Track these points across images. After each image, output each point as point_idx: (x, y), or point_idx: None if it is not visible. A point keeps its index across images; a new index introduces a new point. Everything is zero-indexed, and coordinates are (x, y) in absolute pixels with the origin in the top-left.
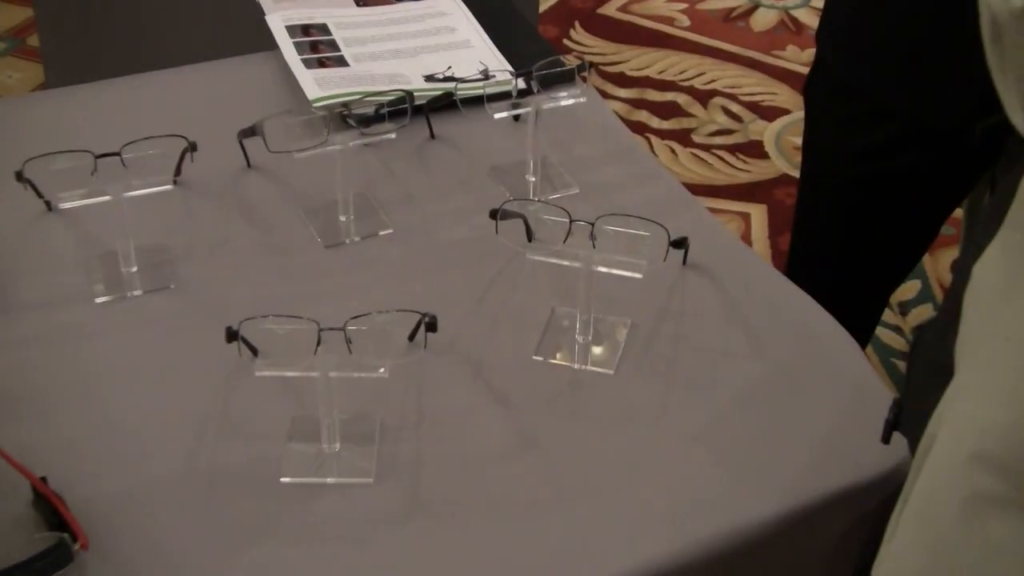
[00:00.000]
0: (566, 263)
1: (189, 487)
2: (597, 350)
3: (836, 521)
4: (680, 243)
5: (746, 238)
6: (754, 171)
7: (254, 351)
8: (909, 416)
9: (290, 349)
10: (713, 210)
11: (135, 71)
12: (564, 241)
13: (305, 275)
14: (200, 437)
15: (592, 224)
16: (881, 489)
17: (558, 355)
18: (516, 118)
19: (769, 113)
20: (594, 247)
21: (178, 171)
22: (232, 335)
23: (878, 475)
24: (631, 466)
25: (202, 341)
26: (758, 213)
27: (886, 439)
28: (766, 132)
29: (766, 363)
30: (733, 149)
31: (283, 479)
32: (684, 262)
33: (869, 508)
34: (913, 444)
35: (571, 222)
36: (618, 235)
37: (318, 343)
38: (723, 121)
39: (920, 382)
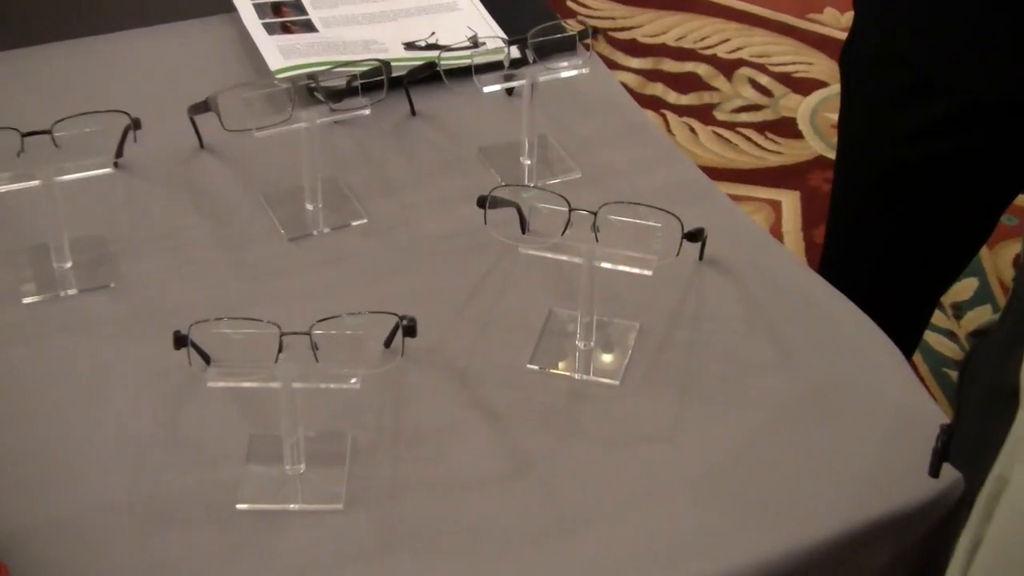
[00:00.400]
0: (565, 258)
1: (131, 516)
2: (601, 358)
3: (874, 557)
4: (696, 235)
5: (775, 230)
6: (786, 153)
7: (206, 359)
8: (961, 441)
9: (248, 356)
10: (737, 198)
11: (70, 36)
12: (563, 233)
13: (266, 272)
14: (144, 458)
15: (595, 213)
16: (926, 519)
17: (556, 364)
18: (509, 92)
19: (803, 86)
20: (597, 240)
21: (119, 152)
22: (181, 340)
23: (923, 504)
24: (639, 493)
25: (146, 348)
26: (790, 201)
27: (934, 472)
28: (800, 108)
29: (796, 376)
30: (761, 127)
31: (239, 506)
32: (701, 257)
33: (913, 540)
34: (967, 472)
35: (571, 211)
36: (625, 226)
37: (280, 349)
38: (750, 95)
39: (976, 404)
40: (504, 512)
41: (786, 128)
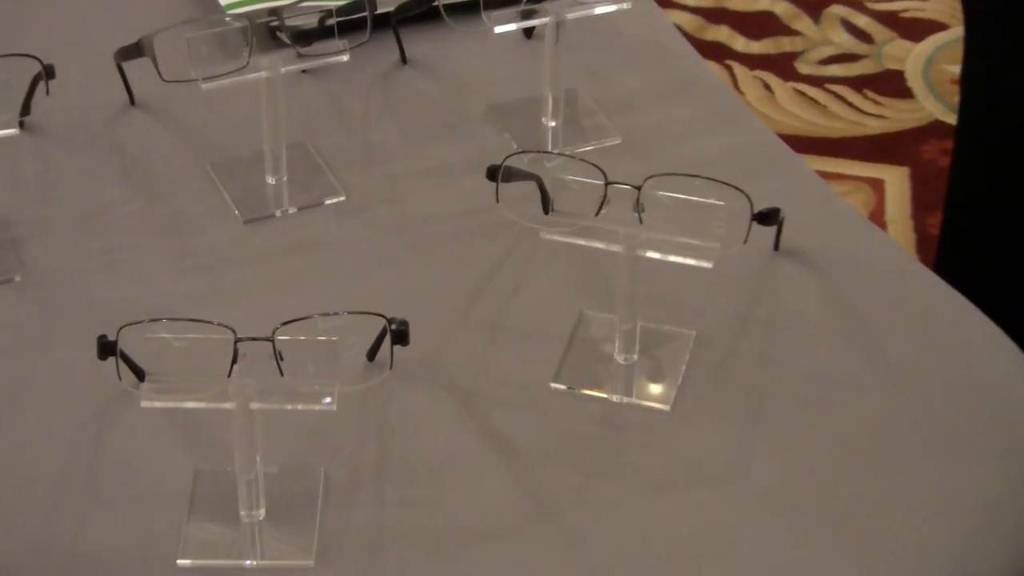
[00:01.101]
0: (600, 246)
1: (43, 571)
2: (645, 376)
3: None
4: (770, 217)
5: (877, 216)
6: (891, 117)
7: (139, 372)
8: None
9: (192, 369)
10: (826, 175)
11: None
12: (597, 213)
13: (215, 262)
14: (59, 498)
15: (639, 188)
16: None
17: (589, 383)
18: (528, 33)
19: (914, 29)
20: (641, 222)
21: (26, 108)
22: (107, 348)
23: None
24: (695, 548)
25: (62, 358)
26: (896, 179)
27: None
28: (909, 59)
29: (900, 397)
30: (859, 84)
31: (181, 561)
32: (776, 246)
33: None
34: None
35: (607, 185)
36: (677, 205)
37: (234, 360)
38: (844, 41)
39: None
40: (520, 569)
41: (891, 84)
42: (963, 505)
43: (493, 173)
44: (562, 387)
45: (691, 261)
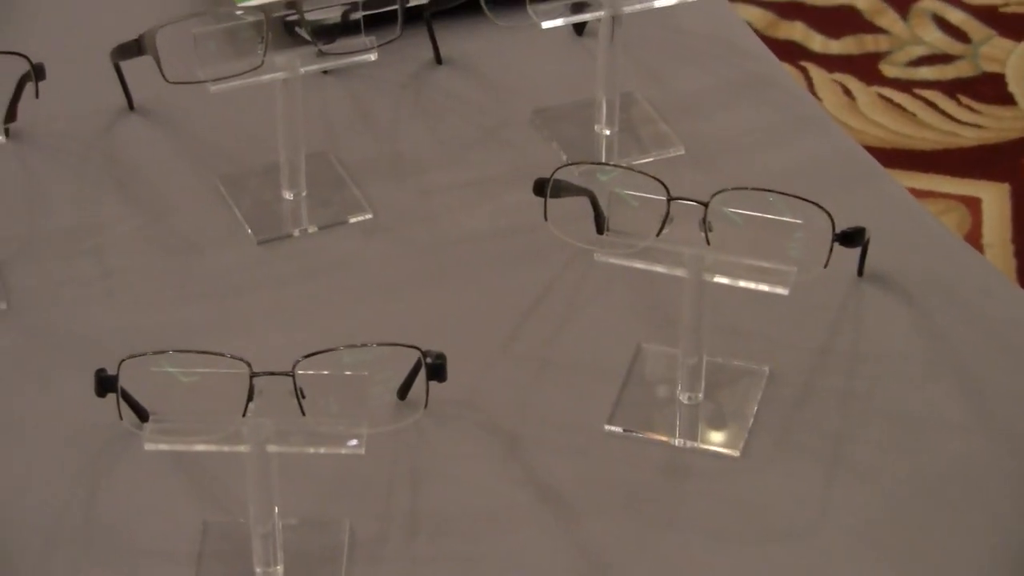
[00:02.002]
0: (662, 270)
1: None
2: (712, 417)
3: None
4: (855, 238)
5: (973, 238)
6: (989, 127)
7: (141, 411)
8: None
9: (202, 407)
10: (916, 192)
11: None
12: (659, 233)
13: (226, 287)
14: (51, 552)
15: (706, 205)
16: None
17: (648, 425)
18: (579, 29)
19: (1017, 26)
20: (708, 242)
21: (11, 113)
22: (105, 384)
23: None
24: None
25: (54, 395)
26: (995, 197)
27: None
28: (1010, 60)
29: (997, 439)
30: (952, 89)
31: None
32: (860, 271)
33: None
34: None
35: (670, 201)
36: (749, 224)
37: (249, 398)
38: (935, 40)
39: None
40: None
41: (990, 89)
42: None
43: (541, 187)
44: (618, 430)
45: (764, 287)
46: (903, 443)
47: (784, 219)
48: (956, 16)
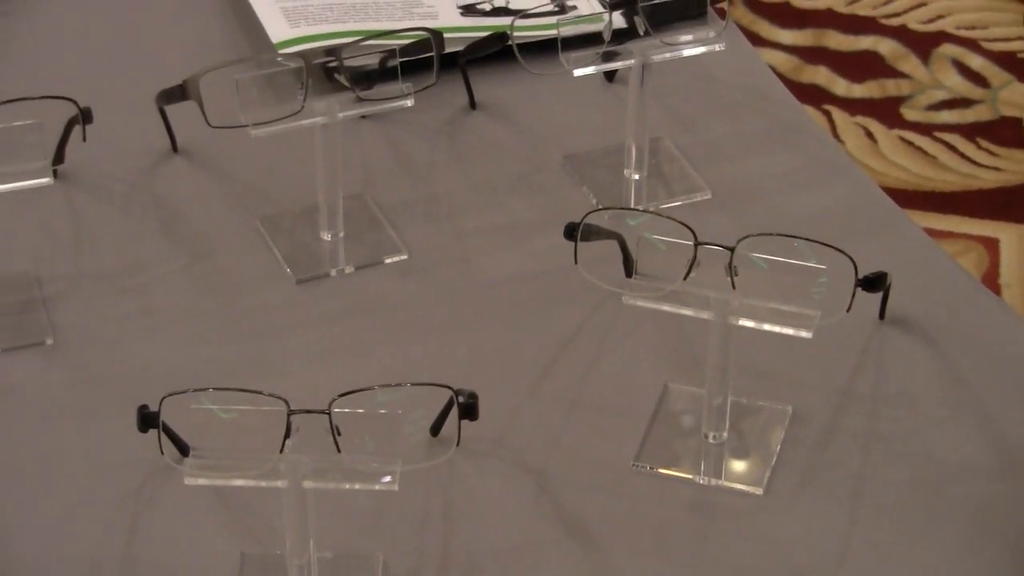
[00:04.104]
0: (689, 312)
1: None
2: (737, 456)
3: None
4: (877, 283)
5: (991, 279)
6: (1008, 169)
7: (182, 447)
8: None
9: (241, 444)
10: (934, 232)
11: None
12: (686, 277)
13: (265, 326)
14: None
15: (732, 249)
16: None
17: (674, 463)
18: (610, 76)
19: None
20: (734, 287)
21: (60, 155)
22: (149, 420)
23: None
24: None
25: (97, 430)
26: (1013, 238)
27: None
28: None
29: (1020, 484)
30: (972, 132)
31: None
32: (882, 315)
33: None
34: None
35: (698, 245)
36: (775, 268)
37: (287, 434)
38: (956, 85)
39: None
40: None
41: (1009, 133)
42: None
43: (572, 231)
44: (644, 467)
45: (789, 330)
46: (924, 484)
47: (808, 264)
48: (976, 62)
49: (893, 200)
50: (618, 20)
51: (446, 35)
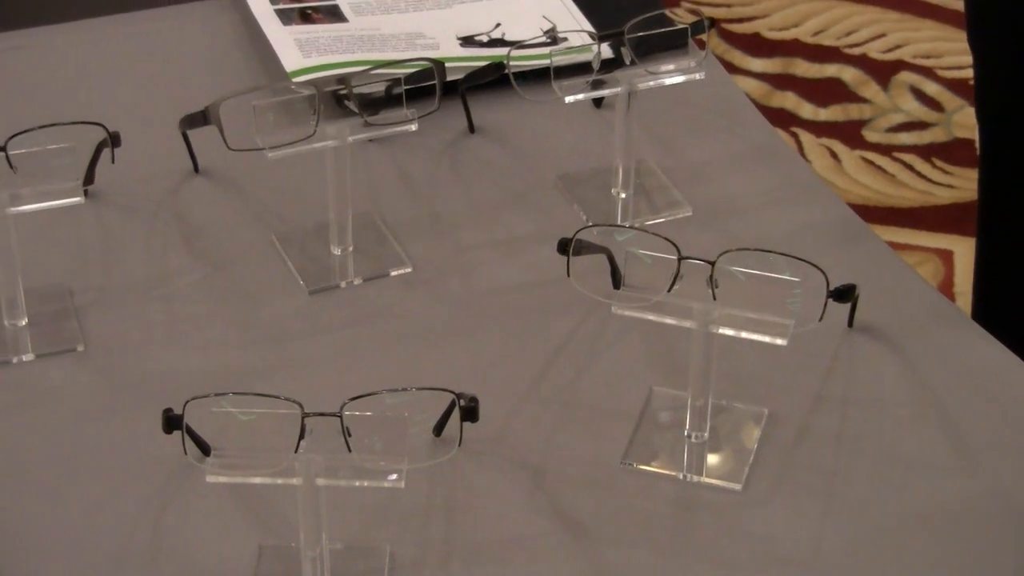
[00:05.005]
0: (672, 322)
1: None
2: (717, 455)
3: None
4: (846, 294)
5: (946, 287)
6: (961, 187)
7: (204, 447)
8: None
9: (258, 444)
10: (894, 245)
11: (29, 23)
12: (670, 289)
13: (280, 334)
14: (120, 572)
15: (713, 263)
16: None
17: (658, 461)
18: (598, 103)
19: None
20: (714, 298)
21: (90, 176)
22: (174, 422)
23: None
24: None
25: (124, 431)
26: (966, 250)
27: None
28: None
29: (980, 479)
30: (928, 152)
31: None
32: (851, 323)
33: None
34: None
35: (681, 260)
36: (752, 281)
37: (301, 435)
38: (913, 109)
39: None
40: None
41: (961, 153)
42: None
43: (564, 246)
44: (632, 465)
45: (765, 338)
46: (890, 480)
47: (783, 277)
48: (931, 88)
49: (859, 216)
50: (606, 51)
51: (447, 65)
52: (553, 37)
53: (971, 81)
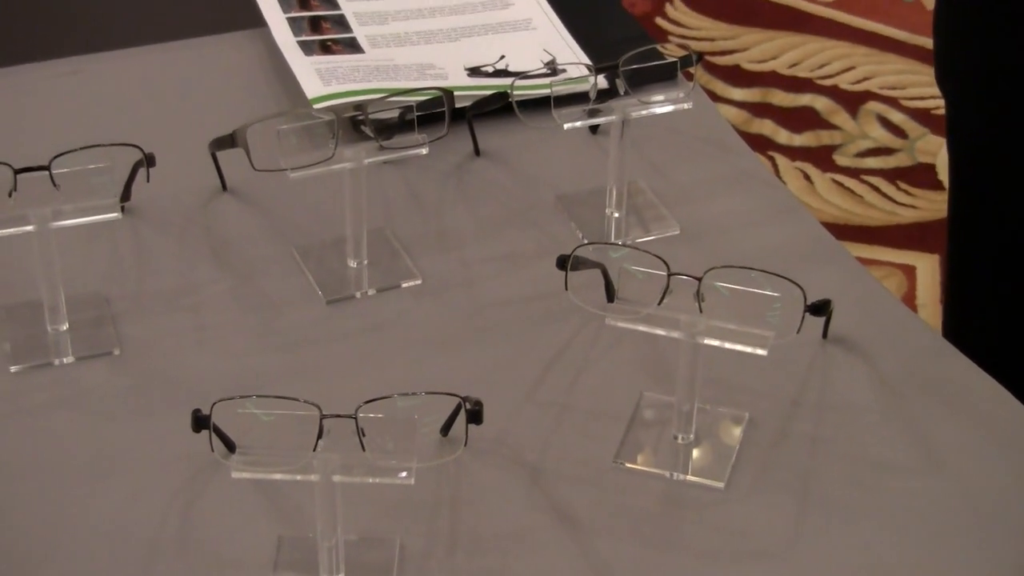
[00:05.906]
0: (661, 333)
1: None
2: (701, 455)
3: None
4: (821, 308)
5: (909, 299)
6: (923, 207)
7: (230, 445)
8: None
9: (280, 443)
10: (863, 260)
11: (71, 52)
12: (660, 302)
13: (300, 340)
14: (151, 562)
15: (699, 279)
16: None
17: (647, 460)
18: (594, 129)
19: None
20: (701, 311)
21: (127, 193)
22: (200, 422)
23: None
24: None
25: (156, 429)
26: (927, 267)
27: None
28: (941, 152)
29: (945, 482)
30: (893, 176)
31: None
32: (825, 334)
33: None
34: None
35: (670, 275)
36: (735, 295)
37: (319, 435)
38: (879, 136)
39: None
40: None
41: (923, 177)
42: None
43: (562, 262)
44: (622, 464)
45: (747, 348)
46: (861, 480)
47: (764, 292)
48: (896, 117)
49: (831, 234)
50: (602, 82)
51: (455, 93)
52: (553, 68)
53: (933, 111)
